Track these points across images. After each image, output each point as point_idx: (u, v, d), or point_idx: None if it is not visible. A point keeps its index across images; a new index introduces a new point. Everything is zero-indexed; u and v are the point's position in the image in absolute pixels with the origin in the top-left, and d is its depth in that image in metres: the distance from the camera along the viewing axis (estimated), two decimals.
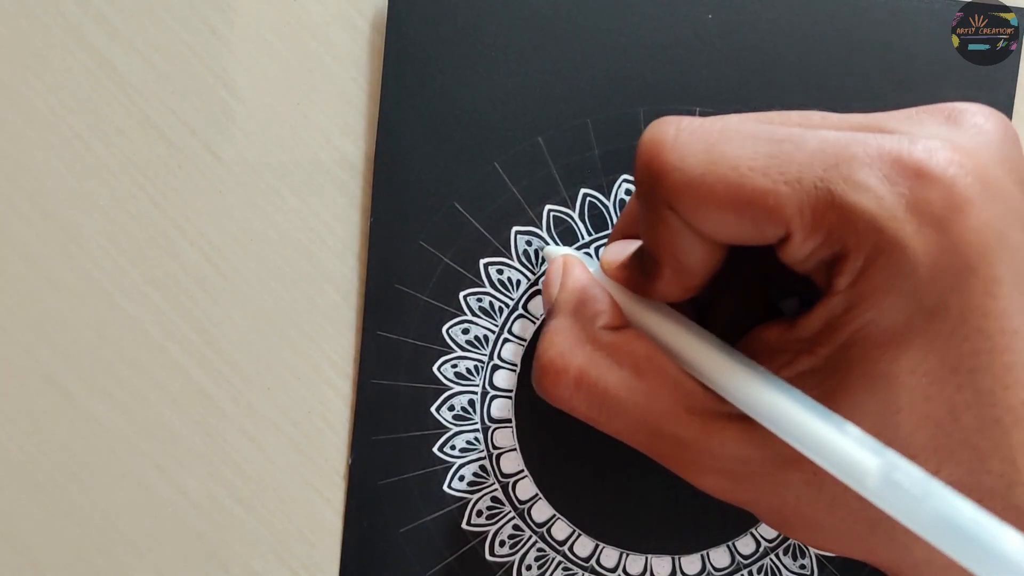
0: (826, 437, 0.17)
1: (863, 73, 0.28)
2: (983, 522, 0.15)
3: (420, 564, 0.29)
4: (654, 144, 0.18)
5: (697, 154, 0.18)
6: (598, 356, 0.21)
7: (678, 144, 0.18)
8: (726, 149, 0.18)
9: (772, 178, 0.17)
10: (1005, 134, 0.18)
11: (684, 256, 0.19)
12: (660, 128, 0.19)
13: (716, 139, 0.18)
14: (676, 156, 0.18)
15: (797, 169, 0.17)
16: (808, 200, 0.17)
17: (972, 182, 0.17)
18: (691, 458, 0.20)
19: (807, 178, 0.17)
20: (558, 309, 0.22)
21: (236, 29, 0.29)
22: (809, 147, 0.17)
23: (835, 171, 0.17)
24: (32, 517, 0.29)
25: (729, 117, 0.19)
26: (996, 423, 0.17)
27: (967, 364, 0.17)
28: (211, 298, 0.29)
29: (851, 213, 0.17)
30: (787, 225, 0.17)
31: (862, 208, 0.17)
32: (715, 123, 0.18)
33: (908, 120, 0.19)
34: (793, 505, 0.19)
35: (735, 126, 0.18)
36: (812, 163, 0.17)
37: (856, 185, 0.17)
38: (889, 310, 0.17)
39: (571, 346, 0.21)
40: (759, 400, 0.18)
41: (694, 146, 0.18)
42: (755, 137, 0.18)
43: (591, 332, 0.21)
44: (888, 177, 0.17)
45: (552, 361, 0.21)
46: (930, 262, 0.17)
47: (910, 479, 0.16)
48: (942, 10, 0.28)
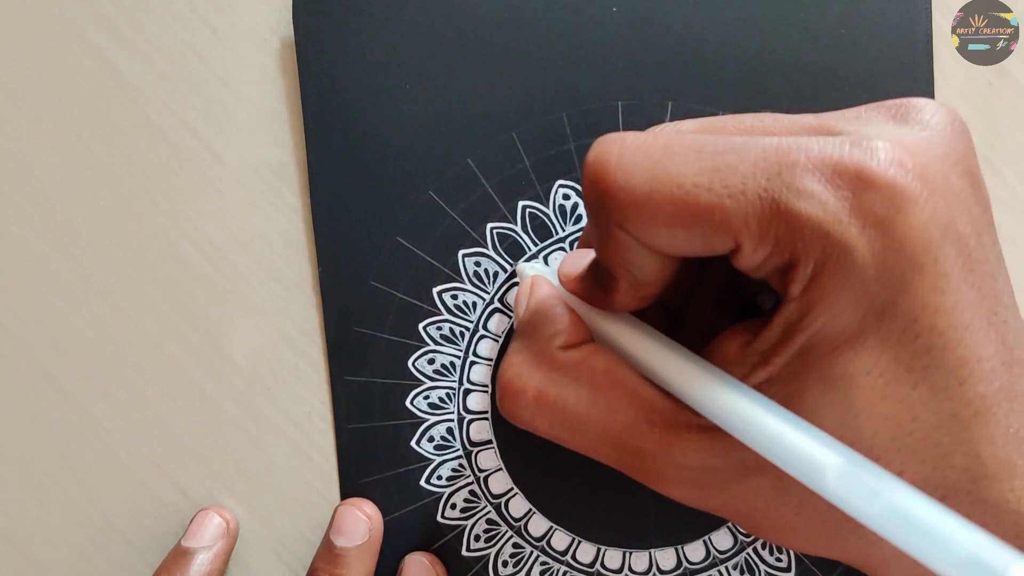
0: (782, 437, 0.17)
1: (774, 53, 0.28)
2: (937, 516, 0.15)
3: None
4: (599, 165, 0.18)
5: (642, 173, 0.18)
6: (555, 376, 0.21)
7: (622, 164, 0.18)
8: (670, 166, 0.18)
9: (716, 192, 0.17)
10: (951, 127, 0.18)
11: (637, 269, 0.19)
12: (604, 148, 0.19)
13: (659, 156, 0.18)
14: (621, 177, 0.18)
15: (741, 180, 0.17)
16: (753, 211, 0.17)
17: (912, 180, 0.17)
18: (656, 469, 0.20)
19: (751, 189, 0.17)
20: (519, 330, 0.23)
21: (236, 29, 0.29)
22: (751, 157, 0.17)
23: (778, 179, 0.17)
24: (32, 517, 0.29)
25: (674, 128, 0.19)
26: (954, 418, 0.17)
27: (921, 361, 0.17)
28: (211, 298, 0.29)
29: (796, 220, 0.17)
30: (735, 237, 0.17)
31: (807, 215, 0.17)
32: (658, 138, 0.18)
33: (856, 119, 0.19)
34: (762, 509, 0.19)
35: (677, 141, 0.18)
36: (755, 173, 0.17)
37: (799, 192, 0.17)
38: (841, 313, 0.17)
39: (528, 368, 0.21)
40: (716, 403, 0.18)
41: (638, 164, 0.18)
42: (698, 151, 0.18)
43: (548, 352, 0.21)
44: (831, 182, 0.17)
45: (511, 382, 0.21)
46: (876, 263, 0.17)
47: (866, 476, 0.16)
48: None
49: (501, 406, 0.22)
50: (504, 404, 0.22)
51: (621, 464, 0.21)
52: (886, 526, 0.15)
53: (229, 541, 0.28)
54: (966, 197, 0.18)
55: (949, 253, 0.17)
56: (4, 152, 0.29)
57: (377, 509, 0.28)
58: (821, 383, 0.18)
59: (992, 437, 0.17)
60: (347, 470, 0.29)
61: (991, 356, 0.17)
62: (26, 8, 0.29)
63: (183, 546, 0.28)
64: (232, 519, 0.29)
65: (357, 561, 0.27)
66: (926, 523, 0.15)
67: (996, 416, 0.17)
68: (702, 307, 0.23)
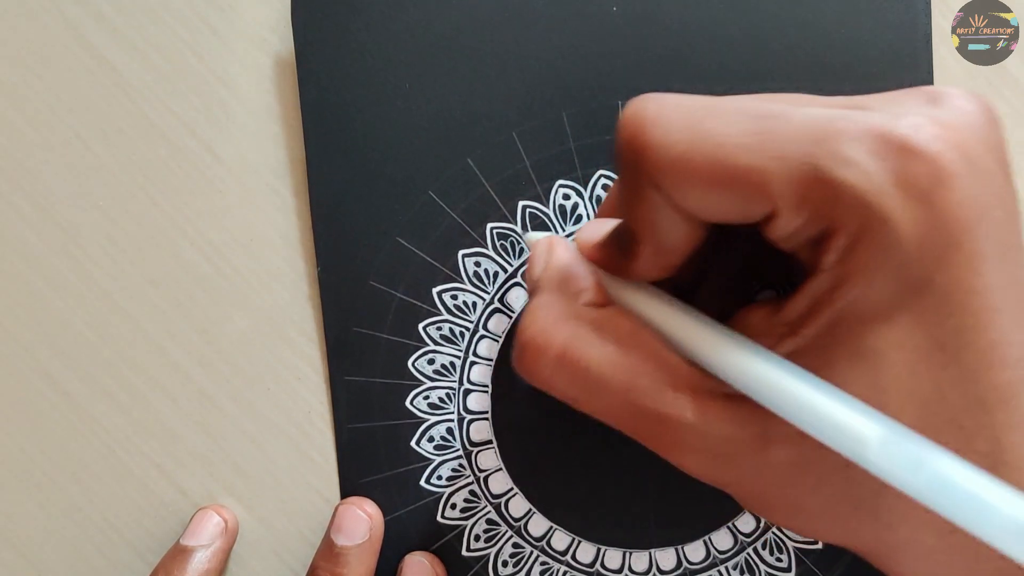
0: (819, 407, 0.17)
1: (774, 53, 0.28)
2: (984, 484, 0.15)
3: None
4: (636, 121, 0.18)
5: (681, 131, 0.17)
6: (581, 332, 0.20)
7: (661, 120, 0.18)
8: (711, 125, 0.17)
9: (758, 154, 0.17)
10: (986, 116, 0.18)
11: (665, 234, 0.19)
12: (642, 105, 0.18)
13: (701, 115, 0.18)
14: (659, 133, 0.18)
15: (783, 145, 0.17)
16: (795, 176, 0.17)
17: (957, 157, 0.16)
18: (674, 437, 0.19)
19: (793, 154, 0.17)
20: (541, 286, 0.22)
21: (236, 29, 0.29)
22: (795, 123, 0.17)
23: (822, 146, 0.17)
24: (32, 517, 0.29)
25: (713, 97, 0.19)
26: (980, 402, 0.17)
27: (952, 341, 0.17)
28: (211, 298, 0.29)
29: (838, 188, 0.16)
30: (773, 202, 0.17)
31: (849, 183, 0.16)
32: (698, 100, 0.18)
33: (891, 101, 0.19)
34: (775, 486, 0.19)
35: (719, 103, 0.18)
36: (798, 139, 0.17)
37: (843, 160, 0.16)
38: (876, 286, 0.17)
39: (554, 322, 0.20)
40: (749, 372, 0.18)
41: (678, 122, 0.18)
42: (741, 112, 0.17)
43: (574, 308, 0.21)
44: (875, 152, 0.16)
45: (534, 337, 0.20)
46: (916, 237, 0.16)
47: (911, 445, 0.16)
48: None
49: (519, 362, 0.21)
50: (524, 360, 0.21)
51: (637, 430, 0.20)
52: (932, 496, 0.15)
53: (228, 540, 0.28)
54: (1000, 183, 0.17)
55: (987, 234, 0.17)
56: (4, 152, 0.29)
57: (378, 508, 0.28)
58: (850, 356, 0.17)
59: (1015, 424, 0.17)
60: (347, 470, 0.29)
61: (1019, 342, 0.17)
62: (26, 8, 0.29)
63: (182, 544, 0.28)
64: (231, 518, 0.29)
65: (357, 560, 0.27)
66: (974, 491, 0.15)
67: (1020, 403, 0.17)
68: (714, 290, 0.23)
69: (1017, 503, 0.15)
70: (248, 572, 0.29)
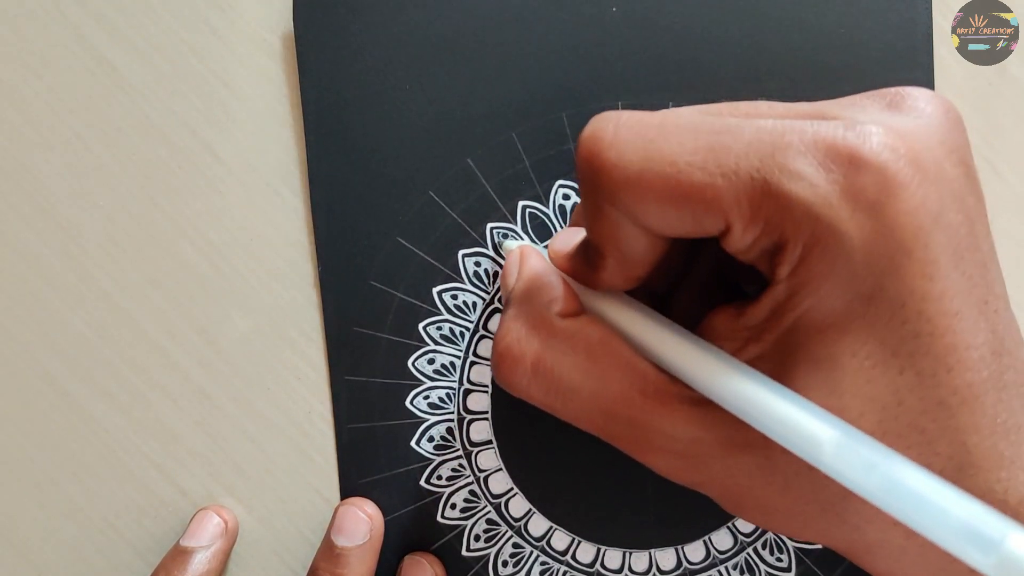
0: (777, 411, 0.17)
1: (773, 53, 0.28)
2: (933, 487, 0.15)
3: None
4: (593, 141, 0.18)
5: (635, 151, 0.18)
6: (553, 342, 0.21)
7: (617, 141, 0.18)
8: (663, 145, 0.18)
9: (709, 171, 0.17)
10: (946, 116, 0.18)
11: (627, 248, 0.19)
12: (599, 125, 0.19)
13: (654, 135, 0.18)
14: (615, 154, 0.18)
15: (734, 161, 0.17)
16: (745, 191, 0.17)
17: (905, 166, 0.17)
18: (644, 439, 0.20)
19: (744, 169, 0.17)
20: (514, 298, 0.22)
21: (236, 29, 0.29)
22: (745, 138, 0.17)
23: (770, 160, 0.17)
24: (32, 517, 0.29)
25: (671, 111, 0.19)
26: (941, 405, 0.17)
27: (907, 347, 0.17)
28: (211, 298, 0.29)
29: (786, 202, 0.17)
30: (726, 217, 0.17)
31: (797, 196, 0.17)
32: (654, 117, 0.18)
33: (851, 106, 0.19)
34: (746, 487, 0.20)
35: (673, 120, 0.18)
36: (748, 154, 0.17)
37: (791, 174, 0.17)
38: (828, 296, 0.17)
39: (527, 333, 0.21)
40: (713, 378, 0.18)
41: (632, 143, 0.18)
42: (694, 130, 0.18)
43: (546, 319, 0.21)
44: (823, 164, 0.17)
45: (508, 348, 0.21)
46: (865, 247, 0.17)
47: (863, 449, 0.16)
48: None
49: (497, 373, 0.22)
50: (501, 371, 0.21)
51: (611, 434, 0.21)
52: (883, 498, 0.15)
53: (228, 540, 0.28)
54: (959, 186, 0.18)
55: (939, 240, 0.17)
56: (4, 152, 0.29)
57: (378, 509, 0.28)
58: (808, 363, 0.18)
59: (978, 426, 0.17)
60: (347, 470, 0.29)
61: (980, 344, 0.17)
62: (26, 8, 0.29)
63: (182, 545, 0.28)
64: (231, 519, 0.29)
65: (358, 561, 0.27)
66: (923, 494, 0.15)
67: (983, 405, 0.17)
68: (689, 295, 0.23)
69: (965, 505, 0.15)
70: (248, 572, 0.29)
